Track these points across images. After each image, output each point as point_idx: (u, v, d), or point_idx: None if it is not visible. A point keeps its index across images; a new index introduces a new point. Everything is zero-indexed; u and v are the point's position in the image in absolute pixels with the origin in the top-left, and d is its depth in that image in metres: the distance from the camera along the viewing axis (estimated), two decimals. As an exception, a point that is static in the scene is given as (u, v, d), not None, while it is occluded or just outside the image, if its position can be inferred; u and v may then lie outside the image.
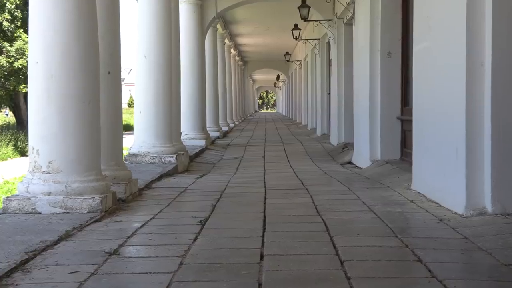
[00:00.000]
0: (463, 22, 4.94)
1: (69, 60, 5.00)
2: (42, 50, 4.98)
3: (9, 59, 27.04)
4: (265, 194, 6.43)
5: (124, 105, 56.64)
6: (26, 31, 25.80)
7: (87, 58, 5.10)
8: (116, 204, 5.48)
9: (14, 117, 32.32)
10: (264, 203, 5.77)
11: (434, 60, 5.92)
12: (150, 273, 3.31)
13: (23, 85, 27.49)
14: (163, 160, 9.04)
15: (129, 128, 25.62)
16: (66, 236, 4.19)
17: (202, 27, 14.63)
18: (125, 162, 8.05)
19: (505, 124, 4.79)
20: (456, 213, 4.99)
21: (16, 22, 27.30)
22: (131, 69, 68.95)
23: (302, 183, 7.45)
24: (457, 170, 5.09)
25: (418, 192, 6.19)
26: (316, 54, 19.23)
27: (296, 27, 18.09)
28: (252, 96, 61.69)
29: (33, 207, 4.95)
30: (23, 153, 21.34)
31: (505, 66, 4.77)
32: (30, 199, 4.96)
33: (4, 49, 27.19)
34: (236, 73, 32.19)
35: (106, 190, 5.23)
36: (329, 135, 15.76)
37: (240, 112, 35.36)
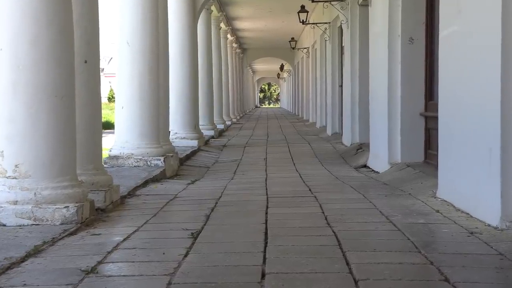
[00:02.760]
0: (499, 3, 4.92)
1: (40, 47, 4.98)
2: (8, 36, 4.96)
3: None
4: (267, 203, 6.42)
5: (104, 99, 56.62)
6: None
7: (61, 45, 5.08)
8: (94, 214, 5.47)
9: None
10: (266, 213, 5.77)
11: (464, 47, 5.90)
12: (133, 294, 3.30)
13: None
14: (149, 163, 9.03)
15: (109, 126, 25.61)
16: (35, 252, 4.17)
17: (194, 9, 14.63)
18: (105, 166, 8.06)
19: (546, 121, 4.77)
20: (489, 225, 4.97)
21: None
22: (111, 58, 68.91)
23: (309, 190, 7.44)
24: (490, 174, 5.07)
25: (445, 200, 6.17)
26: (326, 40, 19.23)
27: (303, 9, 18.09)
28: (252, 89, 61.77)
29: (-3, 218, 4.93)
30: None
31: (546, 54, 4.75)
32: (-7, 208, 4.95)
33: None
34: (233, 63, 32.22)
35: (82, 198, 5.22)
36: (341, 135, 15.76)
37: (238, 108, 35.38)
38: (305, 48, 28.21)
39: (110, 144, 9.78)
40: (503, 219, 4.85)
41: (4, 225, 4.90)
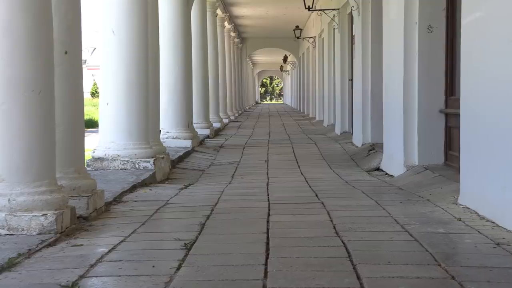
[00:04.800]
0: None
1: (13, 36, 4.97)
2: (-22, 23, 4.96)
3: None
4: (269, 210, 6.42)
5: (87, 94, 56.75)
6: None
7: (37, 33, 5.07)
8: (75, 223, 5.47)
9: None
10: (268, 221, 5.77)
11: (489, 35, 5.89)
12: (119, 312, 3.30)
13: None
14: (137, 166, 9.02)
15: (92, 124, 25.66)
16: (9, 266, 4.16)
17: (187, -6, 14.62)
18: (88, 169, 8.05)
19: None
20: (517, 235, 4.97)
21: None
22: (94, 48, 69.01)
23: (316, 196, 7.44)
24: (518, 178, 5.07)
25: (468, 207, 6.17)
26: (334, 28, 19.23)
27: (309, -6, 18.08)
28: (252, 84, 61.83)
29: (-33, 227, 4.93)
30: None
31: None
32: (-38, 217, 4.95)
33: None
34: (231, 54, 32.23)
35: (62, 204, 5.21)
36: (351, 134, 15.76)
37: (236, 104, 35.40)
38: (311, 37, 28.21)
39: (93, 144, 9.77)
40: (532, 228, 4.85)
41: (-25, 235, 4.90)
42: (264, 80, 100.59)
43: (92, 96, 60.08)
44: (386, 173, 9.92)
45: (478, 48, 6.23)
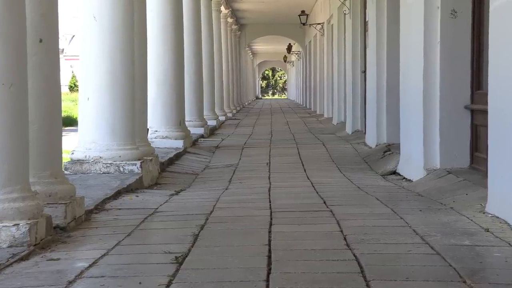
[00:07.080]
0: None
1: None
2: None
3: None
4: (271, 219, 6.43)
5: (64, 88, 56.79)
6: None
7: (8, 19, 5.06)
8: (51, 234, 5.47)
9: None
10: (269, 232, 5.77)
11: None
12: (100, 336, 3.29)
13: None
14: (121, 169, 9.01)
15: (71, 122, 25.65)
16: (-24, 282, 4.16)
17: (178, -25, 14.62)
18: (66, 172, 8.05)
19: None
20: (552, 247, 4.97)
21: None
22: (73, 36, 69.02)
23: (324, 203, 7.45)
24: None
25: (497, 217, 6.17)
26: (345, 14, 19.24)
27: (316, -25, 18.10)
28: (252, 76, 61.93)
29: None
30: None
31: None
32: None
33: None
34: (229, 43, 32.26)
35: (37, 213, 5.20)
36: (364, 133, 15.76)
37: (234, 99, 35.44)
38: (318, 24, 28.24)
39: (72, 145, 9.75)
40: None
41: None
42: (266, 72, 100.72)
43: (70, 90, 60.11)
44: (404, 177, 9.92)
45: (508, 35, 6.22)
